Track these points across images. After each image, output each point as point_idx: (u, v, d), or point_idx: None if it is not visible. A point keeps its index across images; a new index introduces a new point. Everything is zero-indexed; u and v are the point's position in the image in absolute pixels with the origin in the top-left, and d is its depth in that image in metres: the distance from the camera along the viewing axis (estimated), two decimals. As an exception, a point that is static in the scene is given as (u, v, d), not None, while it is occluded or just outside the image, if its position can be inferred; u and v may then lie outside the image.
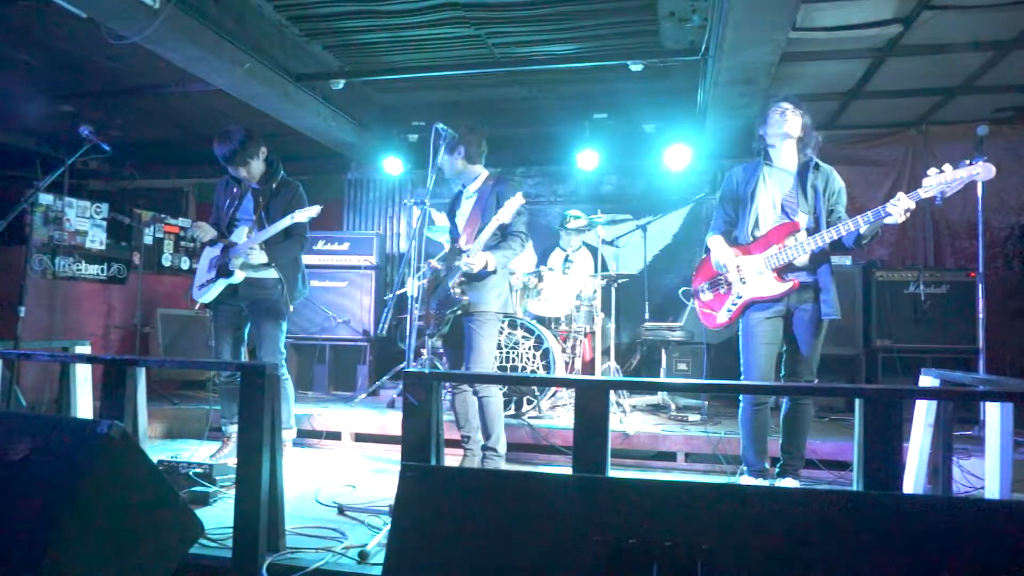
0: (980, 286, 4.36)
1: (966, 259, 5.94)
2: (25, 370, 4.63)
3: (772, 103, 3.13)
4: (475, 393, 3.31)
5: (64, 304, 5.14)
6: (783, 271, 3.04)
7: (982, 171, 2.68)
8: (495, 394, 3.35)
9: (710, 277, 3.28)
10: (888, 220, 2.81)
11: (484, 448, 3.29)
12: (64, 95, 6.13)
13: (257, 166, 3.63)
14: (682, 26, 4.82)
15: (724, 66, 4.46)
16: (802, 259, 3.03)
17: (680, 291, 3.45)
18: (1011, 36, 4.50)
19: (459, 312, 3.31)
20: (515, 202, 3.19)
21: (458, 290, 3.29)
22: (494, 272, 3.32)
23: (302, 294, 3.79)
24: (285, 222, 3.51)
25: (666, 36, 4.99)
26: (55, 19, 4.44)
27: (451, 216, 3.58)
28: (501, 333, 4.45)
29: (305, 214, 3.51)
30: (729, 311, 3.17)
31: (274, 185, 3.68)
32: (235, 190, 3.72)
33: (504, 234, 3.35)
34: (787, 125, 3.05)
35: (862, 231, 2.89)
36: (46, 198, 5.06)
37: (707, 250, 3.31)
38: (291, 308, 3.68)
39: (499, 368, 4.43)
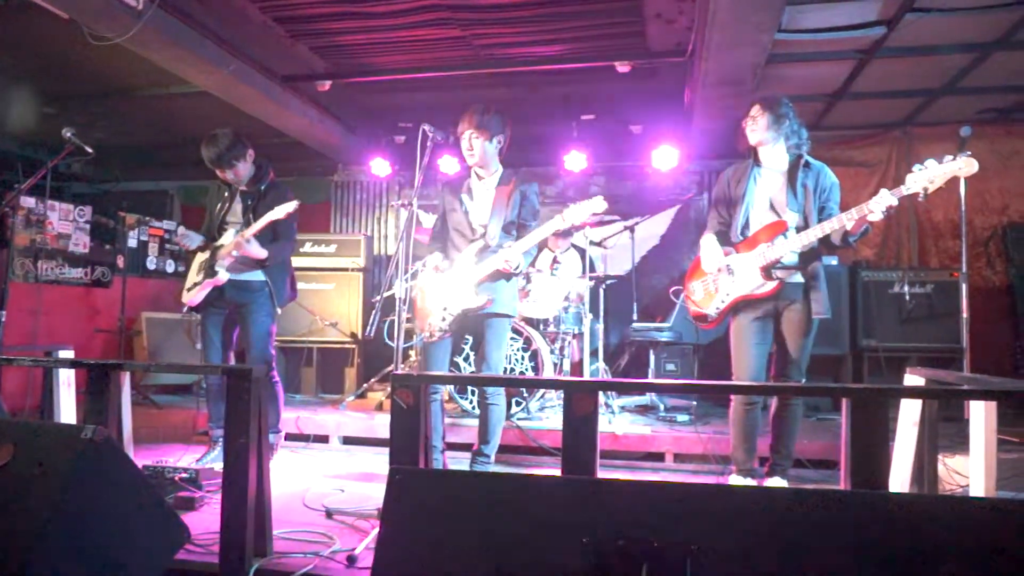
0: (964, 286, 4.40)
1: (950, 259, 5.99)
2: (7, 376, 4.58)
3: (749, 108, 3.17)
4: (484, 398, 3.22)
5: (47, 308, 5.08)
6: (770, 269, 3.05)
7: (964, 166, 2.70)
8: (503, 402, 3.25)
9: (701, 276, 3.30)
10: (870, 217, 2.85)
11: (477, 453, 3.25)
12: (46, 97, 6.06)
13: (244, 169, 3.60)
14: (668, 27, 4.83)
15: (710, 67, 4.48)
16: (790, 257, 3.05)
17: (671, 290, 3.45)
18: (994, 38, 4.54)
19: (470, 313, 3.17)
20: (596, 204, 3.07)
21: (475, 286, 3.15)
22: (516, 275, 3.23)
23: (290, 298, 3.77)
24: (265, 220, 3.48)
25: (652, 37, 5.01)
26: (36, 20, 4.38)
27: (459, 202, 3.30)
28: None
29: (283, 210, 3.46)
30: (717, 309, 3.19)
31: (262, 188, 3.66)
32: (225, 194, 3.70)
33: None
34: (754, 134, 3.11)
35: (848, 228, 2.91)
36: (28, 201, 5.00)
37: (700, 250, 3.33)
38: (279, 311, 3.66)
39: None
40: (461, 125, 3.19)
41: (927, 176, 2.75)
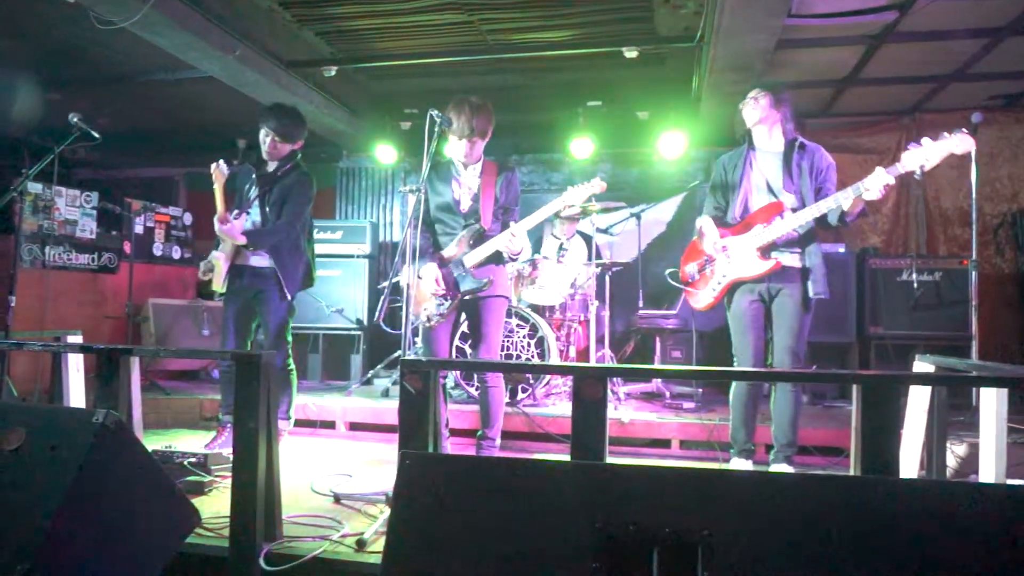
0: (973, 274, 4.38)
1: (959, 247, 5.96)
2: (16, 361, 4.60)
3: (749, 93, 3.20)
4: (484, 381, 3.26)
5: (55, 294, 5.09)
6: (767, 251, 3.06)
7: (959, 142, 2.71)
8: (503, 384, 3.32)
9: (698, 258, 3.32)
10: (866, 196, 2.87)
11: (482, 437, 3.28)
12: (52, 83, 6.05)
13: (285, 148, 3.59)
14: (677, 12, 4.79)
15: (719, 53, 4.44)
16: (786, 238, 3.07)
17: (667, 272, 3.47)
18: (1006, 22, 4.49)
19: (468, 296, 3.19)
20: (595, 185, 3.19)
21: (472, 270, 3.18)
22: (515, 258, 3.26)
23: (304, 286, 3.73)
24: (217, 194, 3.47)
25: (661, 22, 4.96)
26: (41, 5, 4.37)
27: (447, 188, 3.28)
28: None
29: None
30: (714, 291, 3.22)
31: (280, 172, 3.63)
32: (253, 175, 3.65)
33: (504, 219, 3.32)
34: (755, 113, 3.13)
35: (845, 208, 2.93)
36: (35, 187, 4.99)
37: (697, 232, 3.34)
38: (289, 297, 3.62)
39: (494, 356, 4.42)
40: (460, 129, 3.10)
41: (923, 154, 2.78)
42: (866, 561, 1.38)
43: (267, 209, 3.56)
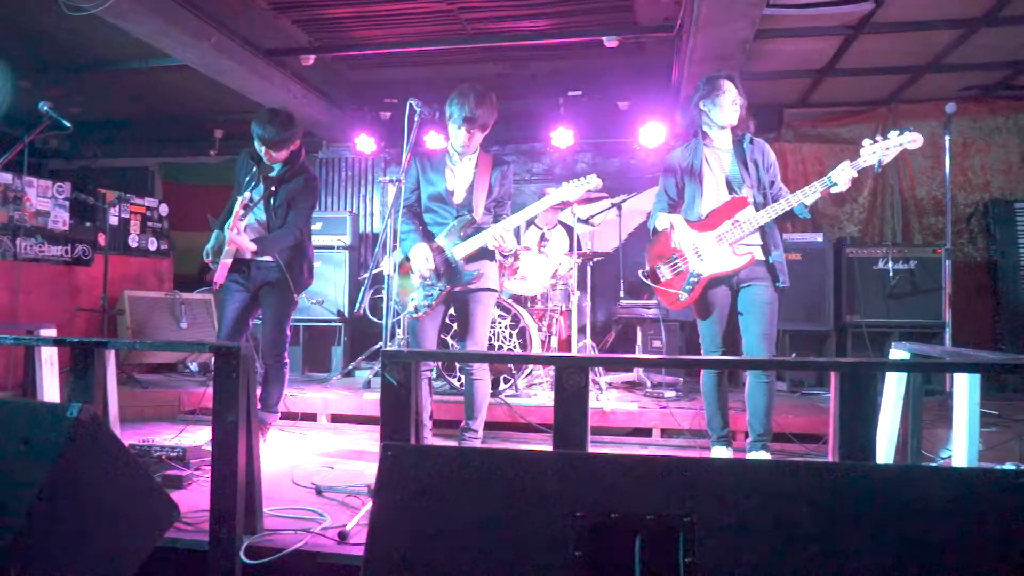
0: (947, 262, 4.45)
1: (933, 235, 6.05)
2: (-13, 355, 4.51)
3: (718, 83, 3.17)
4: (469, 374, 3.25)
5: (26, 287, 4.99)
6: (738, 245, 3.09)
7: (913, 139, 2.92)
8: (488, 377, 3.31)
9: (667, 256, 3.24)
10: (834, 190, 2.97)
11: (465, 429, 3.27)
12: (21, 70, 5.91)
13: (283, 154, 3.48)
14: (656, 2, 4.79)
15: (699, 42, 4.45)
16: (755, 234, 3.10)
17: (639, 272, 3.43)
18: (980, 13, 4.55)
19: (458, 289, 3.16)
20: (591, 181, 3.15)
21: (461, 262, 3.15)
22: (508, 254, 3.27)
23: (306, 283, 3.66)
24: (237, 205, 3.36)
25: (641, 12, 4.96)
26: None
27: (440, 177, 3.25)
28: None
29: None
30: (688, 289, 3.18)
31: (286, 176, 3.54)
32: (254, 169, 3.54)
33: (495, 212, 3.30)
34: (735, 115, 3.14)
35: (807, 203, 3.00)
36: (4, 177, 4.88)
37: (654, 231, 3.32)
38: (295, 295, 3.55)
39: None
40: (461, 118, 3.07)
41: (882, 147, 2.92)
42: (844, 545, 1.40)
43: (272, 212, 3.49)
